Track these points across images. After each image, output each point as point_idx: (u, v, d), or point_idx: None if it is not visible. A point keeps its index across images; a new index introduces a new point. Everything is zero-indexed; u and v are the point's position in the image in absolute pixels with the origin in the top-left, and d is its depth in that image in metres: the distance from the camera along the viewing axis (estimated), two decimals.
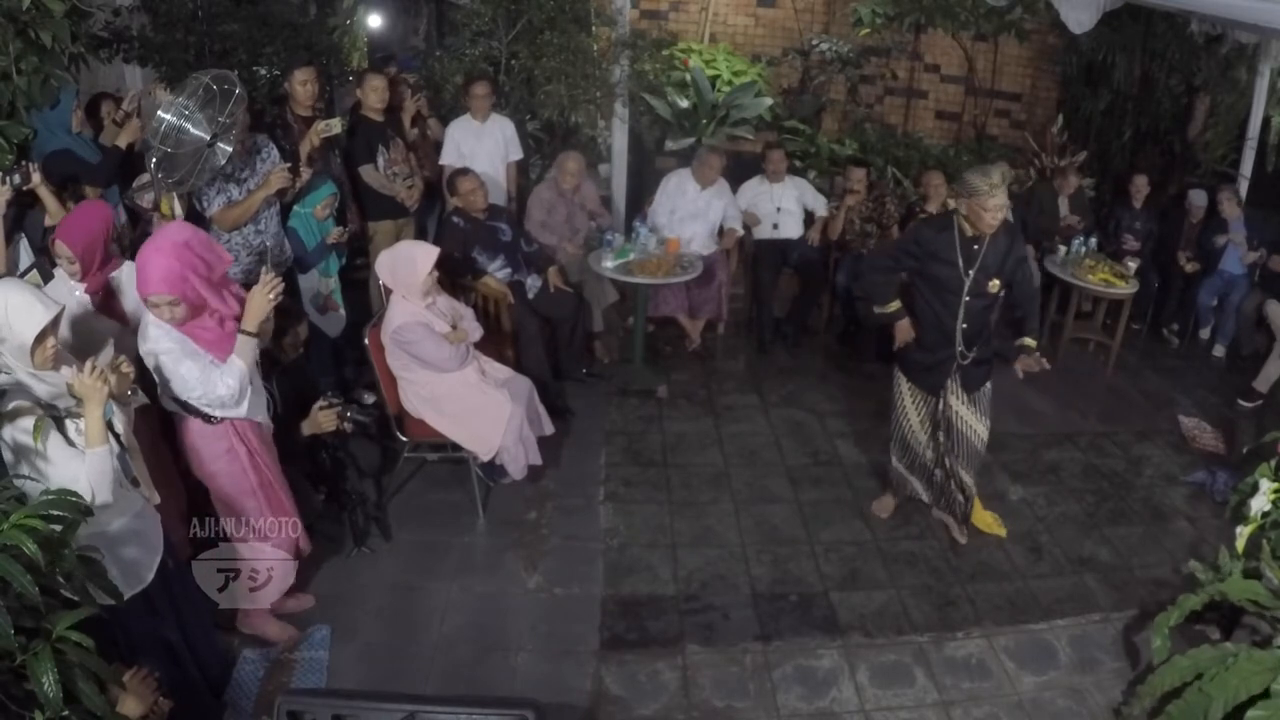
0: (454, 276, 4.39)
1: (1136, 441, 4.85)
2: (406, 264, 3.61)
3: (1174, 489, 4.41)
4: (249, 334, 2.67)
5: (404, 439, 3.80)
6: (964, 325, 3.47)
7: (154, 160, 3.30)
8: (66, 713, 1.63)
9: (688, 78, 7.05)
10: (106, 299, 2.95)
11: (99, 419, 2.11)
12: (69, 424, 2.14)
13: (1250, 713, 2.40)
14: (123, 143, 3.83)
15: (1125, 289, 5.44)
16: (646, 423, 4.74)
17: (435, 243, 4.13)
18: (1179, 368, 5.86)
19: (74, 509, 1.80)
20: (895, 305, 3.58)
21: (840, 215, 5.66)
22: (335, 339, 4.42)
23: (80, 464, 2.11)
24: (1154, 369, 5.81)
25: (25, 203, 3.39)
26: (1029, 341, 3.63)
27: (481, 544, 3.73)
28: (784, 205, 5.66)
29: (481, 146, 5.08)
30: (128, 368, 2.42)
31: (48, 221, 3.30)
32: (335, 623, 3.18)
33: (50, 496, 1.81)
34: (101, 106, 4.33)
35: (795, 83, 7.89)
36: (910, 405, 3.73)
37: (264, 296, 2.68)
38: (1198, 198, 6.11)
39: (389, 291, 3.80)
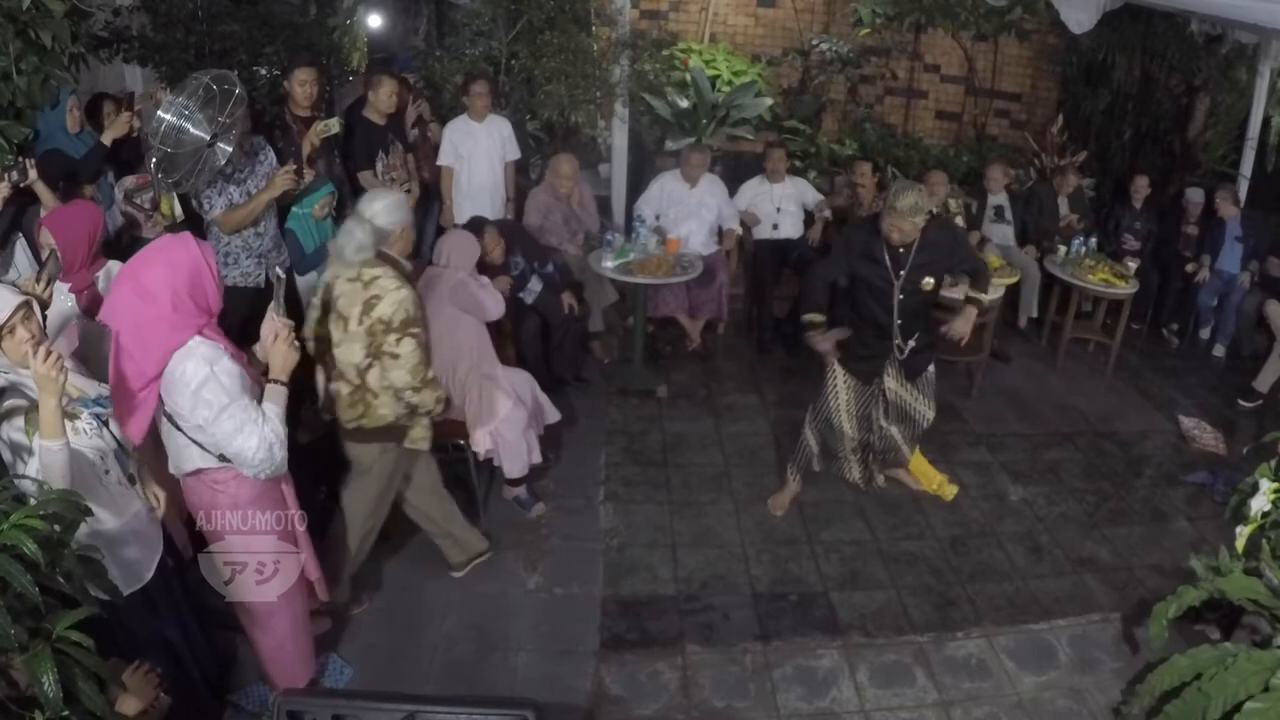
0: None
1: (1136, 441, 4.86)
2: (467, 246, 3.73)
3: (1174, 489, 4.41)
4: (280, 383, 2.42)
5: None
6: (899, 321, 3.60)
7: (154, 160, 3.29)
8: (66, 713, 1.63)
9: (688, 78, 7.04)
10: (94, 301, 2.96)
11: (53, 410, 2.02)
12: (66, 424, 2.13)
13: (1248, 704, 2.40)
14: (107, 139, 3.83)
15: (1125, 289, 5.44)
16: (646, 423, 4.74)
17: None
18: (1179, 368, 5.85)
19: (74, 509, 1.80)
20: (819, 318, 3.68)
21: (825, 214, 5.67)
22: None
23: (74, 462, 2.10)
24: (1154, 369, 5.80)
25: (23, 201, 3.40)
26: (975, 293, 3.70)
27: None
28: (784, 205, 5.67)
29: (479, 147, 5.08)
30: None
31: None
32: (336, 622, 3.18)
33: (50, 496, 1.81)
34: (102, 106, 4.33)
35: (795, 83, 7.88)
36: (842, 387, 3.81)
37: (287, 345, 2.42)
38: (1194, 195, 6.12)
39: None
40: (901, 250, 3.48)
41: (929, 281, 3.55)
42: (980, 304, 3.71)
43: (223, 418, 2.23)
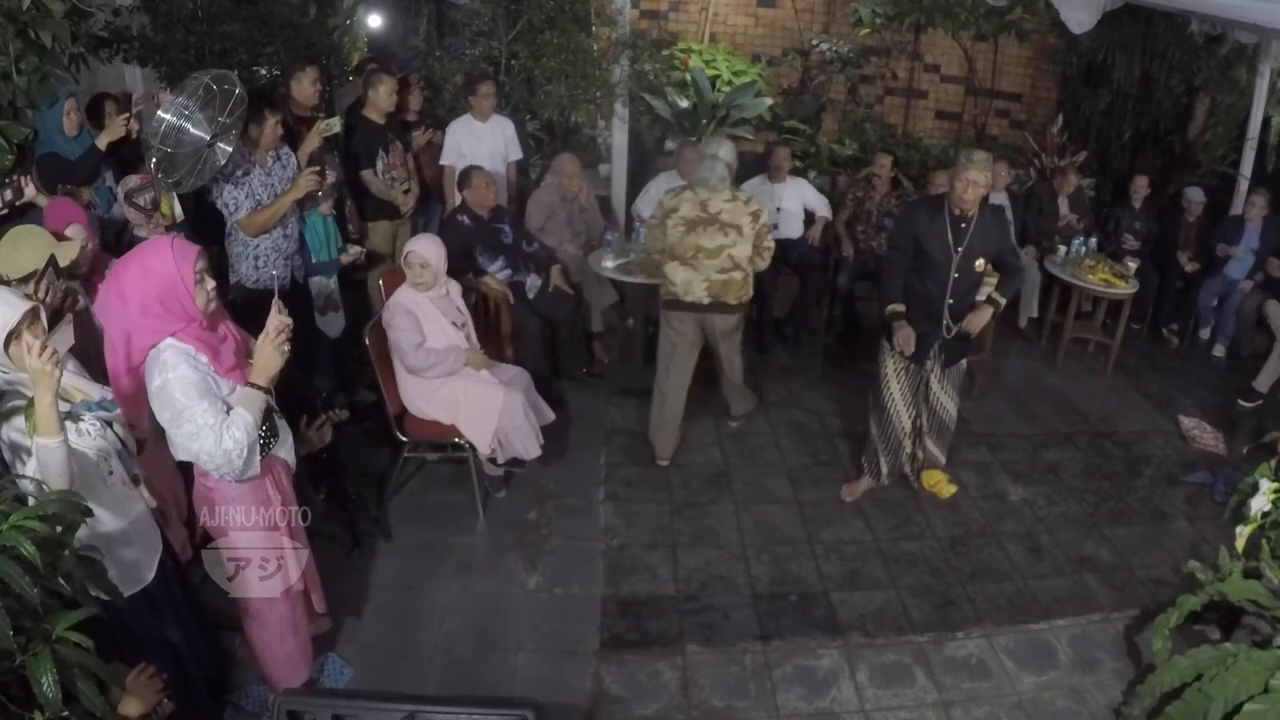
0: (455, 275, 4.40)
1: (1136, 441, 4.85)
2: (405, 252, 3.70)
3: (1174, 489, 4.41)
4: (258, 388, 2.36)
5: (404, 439, 3.80)
6: (950, 300, 3.68)
7: (154, 160, 3.29)
8: (66, 713, 1.63)
9: (688, 78, 7.05)
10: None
11: (49, 406, 1.98)
12: (69, 426, 2.13)
13: (1248, 706, 2.40)
14: (102, 143, 3.83)
15: (1125, 289, 5.44)
16: (646, 423, 4.73)
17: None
18: (1179, 368, 5.86)
19: (74, 509, 1.79)
20: (901, 307, 3.73)
21: (827, 215, 5.67)
22: (335, 339, 4.42)
23: (76, 462, 2.09)
24: (1154, 369, 5.81)
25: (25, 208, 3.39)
26: (997, 296, 3.81)
27: (481, 544, 3.73)
28: (784, 205, 5.66)
29: (482, 146, 5.08)
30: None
31: None
32: (335, 622, 3.17)
33: (50, 497, 1.80)
34: (103, 106, 4.33)
35: (795, 83, 7.89)
36: (893, 374, 3.88)
37: (274, 347, 2.34)
38: (1195, 194, 6.11)
39: (389, 291, 3.83)
40: (963, 225, 3.59)
41: (981, 263, 3.66)
42: (998, 305, 3.81)
43: (180, 421, 2.24)
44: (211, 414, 2.25)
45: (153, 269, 2.25)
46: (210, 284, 2.34)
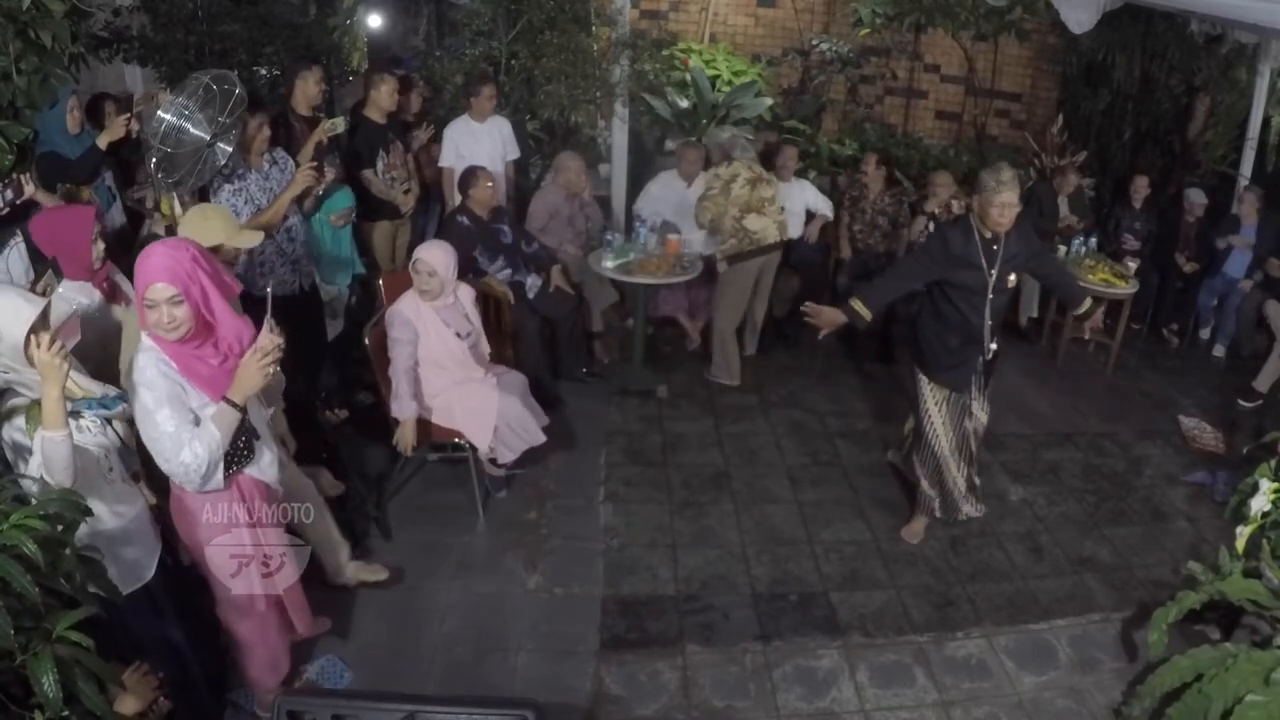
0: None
1: (1136, 441, 4.85)
2: (413, 259, 3.64)
3: (1174, 489, 4.41)
4: (233, 405, 2.25)
5: None
6: (989, 322, 3.51)
7: (154, 160, 3.30)
8: (66, 713, 1.63)
9: (688, 78, 7.05)
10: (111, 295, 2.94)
11: (56, 400, 1.97)
12: (69, 423, 2.13)
13: (1249, 697, 2.41)
14: (103, 143, 3.82)
15: (1125, 289, 5.44)
16: (646, 423, 4.74)
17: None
18: (1179, 368, 5.86)
19: (74, 509, 1.80)
20: (869, 316, 3.58)
21: (826, 214, 5.68)
22: (335, 340, 4.42)
23: (78, 458, 2.09)
24: (1154, 369, 5.81)
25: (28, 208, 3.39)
26: (1089, 303, 3.82)
27: (481, 544, 3.73)
28: (788, 205, 5.64)
29: (480, 147, 5.07)
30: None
31: None
32: (335, 622, 3.17)
33: (51, 496, 1.81)
34: (103, 106, 4.33)
35: (795, 83, 7.89)
36: (934, 408, 3.65)
37: (258, 366, 2.23)
38: (1196, 196, 6.11)
39: (389, 292, 3.83)
40: (995, 247, 3.40)
41: (1013, 278, 3.52)
42: (1093, 308, 3.85)
43: (143, 424, 2.21)
44: (171, 422, 2.17)
45: (141, 267, 2.21)
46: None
